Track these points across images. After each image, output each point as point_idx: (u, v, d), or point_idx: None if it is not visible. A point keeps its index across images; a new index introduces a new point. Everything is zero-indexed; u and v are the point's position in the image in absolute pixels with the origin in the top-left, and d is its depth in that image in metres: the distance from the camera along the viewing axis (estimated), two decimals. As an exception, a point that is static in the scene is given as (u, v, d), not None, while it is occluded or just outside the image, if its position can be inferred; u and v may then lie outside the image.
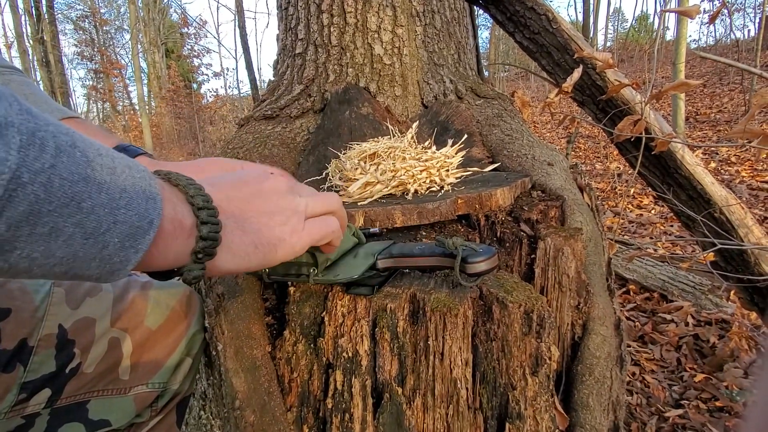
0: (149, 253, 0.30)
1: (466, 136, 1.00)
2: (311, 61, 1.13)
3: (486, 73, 1.50)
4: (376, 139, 0.95)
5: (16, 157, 0.23)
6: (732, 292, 1.88)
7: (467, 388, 0.51)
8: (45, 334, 0.52)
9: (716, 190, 1.39)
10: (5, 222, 0.23)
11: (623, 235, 2.88)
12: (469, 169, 0.91)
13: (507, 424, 0.50)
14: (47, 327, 0.53)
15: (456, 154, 0.90)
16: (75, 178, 0.26)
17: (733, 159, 4.16)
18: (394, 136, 0.97)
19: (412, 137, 0.94)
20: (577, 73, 1.24)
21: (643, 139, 1.31)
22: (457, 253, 0.47)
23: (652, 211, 3.37)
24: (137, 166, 0.30)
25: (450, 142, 0.94)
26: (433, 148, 0.90)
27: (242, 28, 4.84)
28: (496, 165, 0.95)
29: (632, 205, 3.52)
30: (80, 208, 0.26)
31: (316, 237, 0.40)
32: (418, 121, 1.05)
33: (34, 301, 0.53)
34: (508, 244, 0.72)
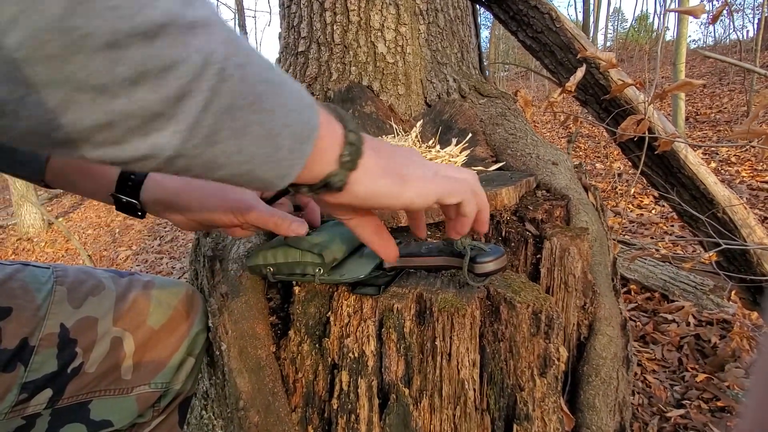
0: (309, 158, 0.31)
1: (470, 135, 1.00)
2: (314, 60, 1.12)
3: (486, 73, 1.50)
4: (379, 138, 0.94)
5: (222, 50, 0.24)
6: (733, 293, 1.88)
7: (475, 389, 0.51)
8: (46, 333, 0.52)
9: (719, 190, 1.38)
10: (213, 114, 0.25)
11: (624, 235, 2.88)
12: (473, 168, 0.91)
13: (515, 426, 0.50)
14: (49, 326, 0.52)
15: (460, 153, 0.89)
16: (260, 78, 0.27)
17: (733, 159, 4.16)
18: (397, 134, 0.97)
19: (417, 136, 0.94)
20: (580, 73, 1.23)
21: (646, 138, 1.31)
22: (466, 252, 0.46)
23: (653, 211, 3.37)
24: (295, 81, 0.31)
25: (454, 141, 0.94)
26: (437, 147, 0.89)
27: (242, 26, 4.83)
28: (500, 164, 0.94)
29: (633, 205, 3.52)
30: (263, 108, 0.27)
31: (447, 190, 0.39)
32: (421, 120, 1.05)
33: (36, 299, 0.53)
34: (513, 244, 0.72)
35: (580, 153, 5.45)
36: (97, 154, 0.23)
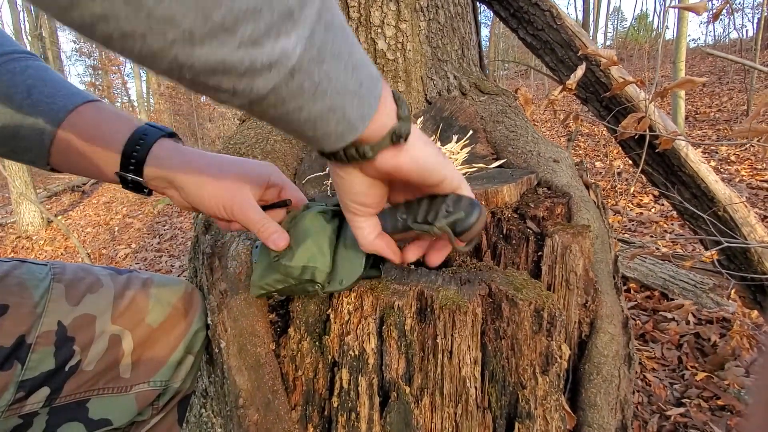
0: (379, 103, 0.34)
1: (470, 132, 0.99)
2: (313, 56, 1.11)
3: (486, 71, 1.49)
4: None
5: (329, 15, 0.28)
6: (733, 291, 1.88)
7: (476, 387, 0.50)
8: (44, 330, 0.51)
9: (720, 188, 1.38)
10: (322, 26, 0.28)
11: (624, 234, 2.88)
12: (474, 165, 0.90)
13: (516, 424, 0.50)
14: (46, 323, 0.52)
15: (461, 150, 0.89)
16: (346, 34, 0.30)
17: (732, 158, 4.16)
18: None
19: (417, 133, 0.93)
20: (581, 70, 1.23)
21: (647, 136, 1.30)
22: (446, 230, 0.40)
23: (653, 210, 3.37)
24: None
25: (454, 138, 0.93)
26: (438, 144, 0.89)
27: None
28: (501, 161, 0.94)
29: (632, 204, 3.52)
30: (347, 38, 0.30)
31: (465, 183, 0.43)
32: (422, 117, 1.04)
33: (33, 297, 0.52)
34: (514, 241, 0.71)
35: (580, 152, 5.45)
36: (239, 56, 0.25)
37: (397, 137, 0.36)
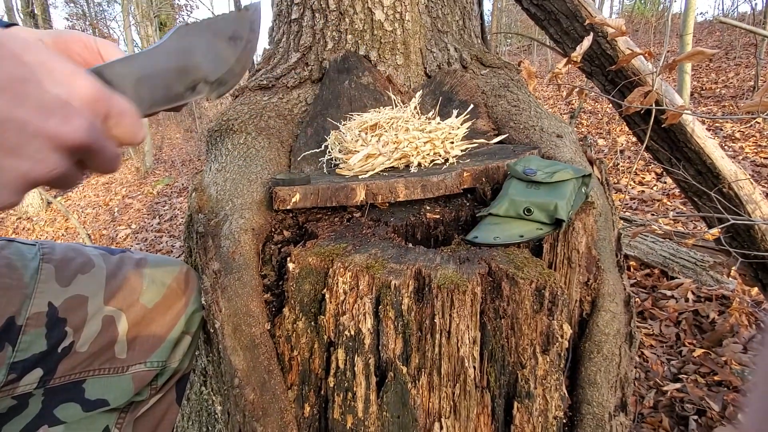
0: None
1: (471, 107, 0.96)
2: (308, 28, 1.07)
3: (489, 42, 1.42)
4: (377, 109, 0.90)
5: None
6: (733, 269, 1.88)
7: (475, 367, 0.49)
8: (34, 312, 0.50)
9: (726, 165, 1.35)
10: None
11: (625, 212, 2.86)
12: (474, 141, 0.87)
13: (515, 403, 0.49)
14: (36, 305, 0.50)
15: (461, 125, 0.86)
16: None
17: (737, 135, 4.10)
18: (396, 106, 0.93)
19: (416, 107, 0.90)
20: (587, 41, 1.18)
21: (653, 111, 1.27)
22: None
23: (655, 188, 3.34)
24: None
25: (455, 113, 0.90)
26: (437, 119, 0.86)
27: (236, -2, 4.66)
28: (502, 137, 0.91)
29: (634, 182, 3.48)
30: None
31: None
32: (421, 91, 1.00)
33: (23, 277, 0.51)
34: (515, 219, 0.69)
35: (583, 129, 5.37)
36: None
37: None
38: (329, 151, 0.84)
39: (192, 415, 1.01)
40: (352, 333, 0.51)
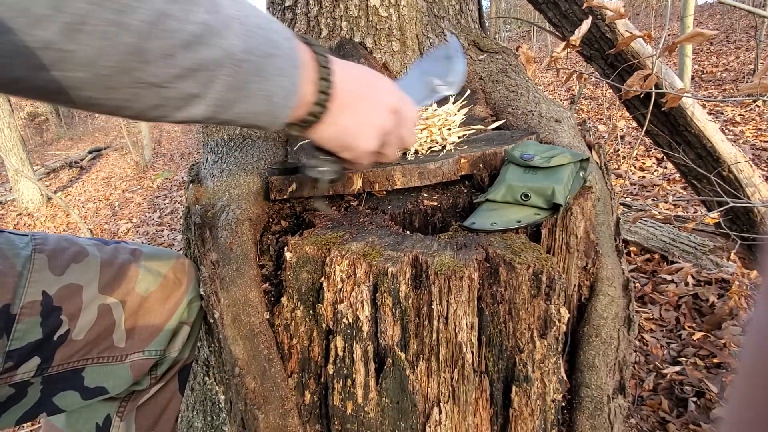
0: (292, 109, 0.41)
1: (468, 92, 0.95)
2: (302, 15, 1.05)
3: (486, 27, 1.40)
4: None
5: (239, 43, 0.35)
6: (733, 252, 1.88)
7: (473, 352, 0.50)
8: (28, 301, 0.50)
9: (725, 148, 1.34)
10: (232, 90, 0.36)
11: (625, 198, 2.85)
12: (472, 127, 0.86)
13: (514, 387, 0.49)
14: (30, 294, 0.50)
15: (458, 111, 0.85)
16: (261, 54, 0.37)
17: (737, 119, 4.07)
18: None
19: (412, 95, 0.89)
20: (585, 25, 1.16)
21: (653, 94, 1.25)
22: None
23: (655, 173, 3.33)
24: (287, 35, 0.40)
25: (452, 99, 0.89)
26: (434, 105, 0.85)
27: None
28: (500, 122, 0.90)
29: (635, 167, 3.47)
30: (264, 77, 0.38)
31: (362, 165, 0.51)
32: (417, 78, 0.99)
33: (16, 266, 0.51)
34: (513, 205, 0.69)
35: (583, 115, 5.34)
36: (146, 119, 0.35)
37: (308, 123, 0.44)
38: (326, 140, 0.83)
39: (196, 405, 1.02)
40: (350, 321, 0.51)
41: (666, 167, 3.28)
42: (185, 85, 0.33)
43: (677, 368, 1.44)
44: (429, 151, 0.76)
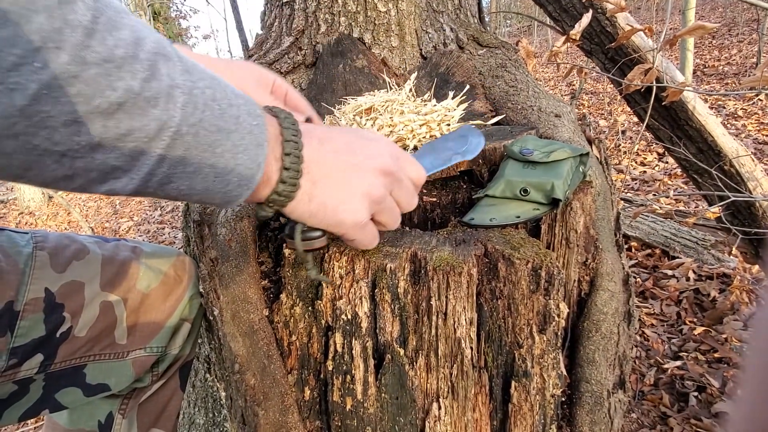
0: (254, 190, 0.37)
1: (467, 88, 0.94)
2: (300, 11, 1.05)
3: (486, 22, 1.40)
4: (372, 93, 0.89)
5: (180, 114, 0.31)
6: (734, 247, 1.87)
7: (472, 348, 0.50)
8: (31, 298, 0.50)
9: (727, 142, 1.34)
10: (168, 163, 0.31)
11: (626, 193, 2.85)
12: (471, 122, 0.86)
13: (513, 382, 0.49)
14: (33, 291, 0.51)
15: (458, 107, 0.85)
16: (213, 129, 0.33)
17: (740, 113, 4.05)
18: (391, 89, 0.92)
19: (411, 89, 0.88)
20: (586, 19, 1.15)
21: (654, 88, 1.25)
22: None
23: (656, 168, 3.31)
24: (254, 111, 0.36)
25: (451, 94, 0.89)
26: (433, 101, 0.85)
27: (229, -17, 4.56)
28: (500, 118, 0.90)
29: (636, 162, 3.46)
30: (214, 152, 0.33)
31: (360, 240, 0.46)
32: (416, 73, 0.99)
33: (18, 263, 0.51)
34: (512, 200, 0.69)
35: (584, 110, 5.32)
36: (62, 190, 0.31)
37: (276, 203, 0.39)
38: (324, 137, 0.83)
39: (198, 402, 1.02)
40: (349, 317, 0.51)
41: (667, 162, 3.27)
42: (103, 156, 0.29)
43: (678, 363, 1.44)
44: (428, 147, 0.76)
